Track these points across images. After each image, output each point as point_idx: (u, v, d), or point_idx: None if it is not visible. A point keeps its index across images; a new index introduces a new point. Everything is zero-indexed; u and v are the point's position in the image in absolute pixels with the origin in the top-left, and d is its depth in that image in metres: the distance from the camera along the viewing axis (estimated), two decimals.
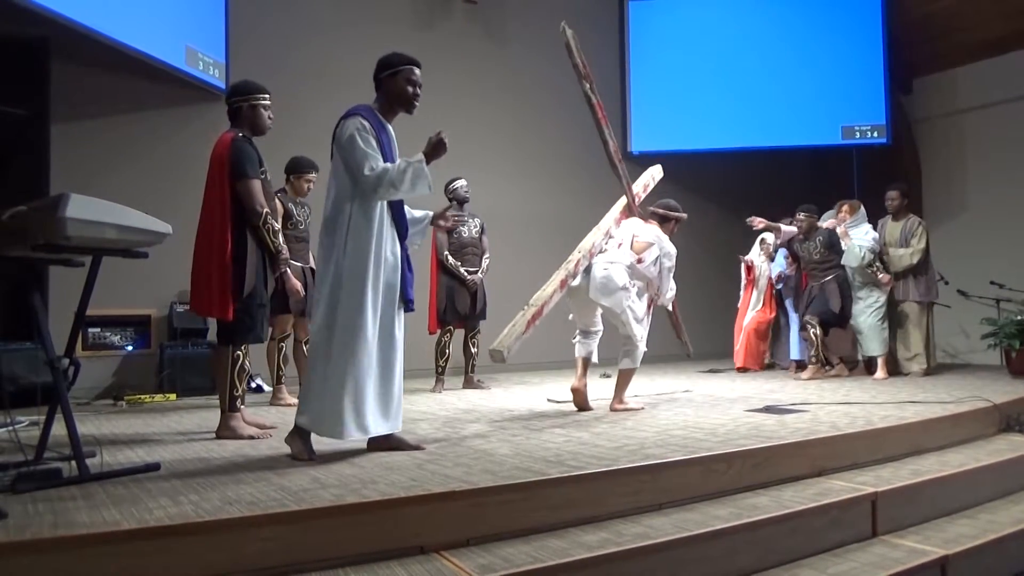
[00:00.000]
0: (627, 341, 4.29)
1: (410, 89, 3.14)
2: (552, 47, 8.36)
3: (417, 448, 3.11)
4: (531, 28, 8.20)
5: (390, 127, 3.18)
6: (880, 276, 5.91)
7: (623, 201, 4.79)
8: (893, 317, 6.11)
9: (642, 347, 4.33)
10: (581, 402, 4.37)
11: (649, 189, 5.11)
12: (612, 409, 4.36)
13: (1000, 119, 8.23)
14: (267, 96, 3.68)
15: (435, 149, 3.04)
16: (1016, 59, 8.02)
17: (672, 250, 4.44)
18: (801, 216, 6.26)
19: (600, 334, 4.50)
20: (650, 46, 8.80)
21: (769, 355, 7.16)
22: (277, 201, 4.86)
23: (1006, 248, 7.75)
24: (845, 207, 6.14)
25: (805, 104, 8.53)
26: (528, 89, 8.11)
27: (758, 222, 6.51)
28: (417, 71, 3.17)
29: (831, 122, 8.53)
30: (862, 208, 6.12)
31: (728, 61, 8.65)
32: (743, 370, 6.88)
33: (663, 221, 4.54)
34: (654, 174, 5.21)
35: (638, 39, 8.81)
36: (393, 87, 3.14)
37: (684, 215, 4.66)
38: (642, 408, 4.42)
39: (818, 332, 6.06)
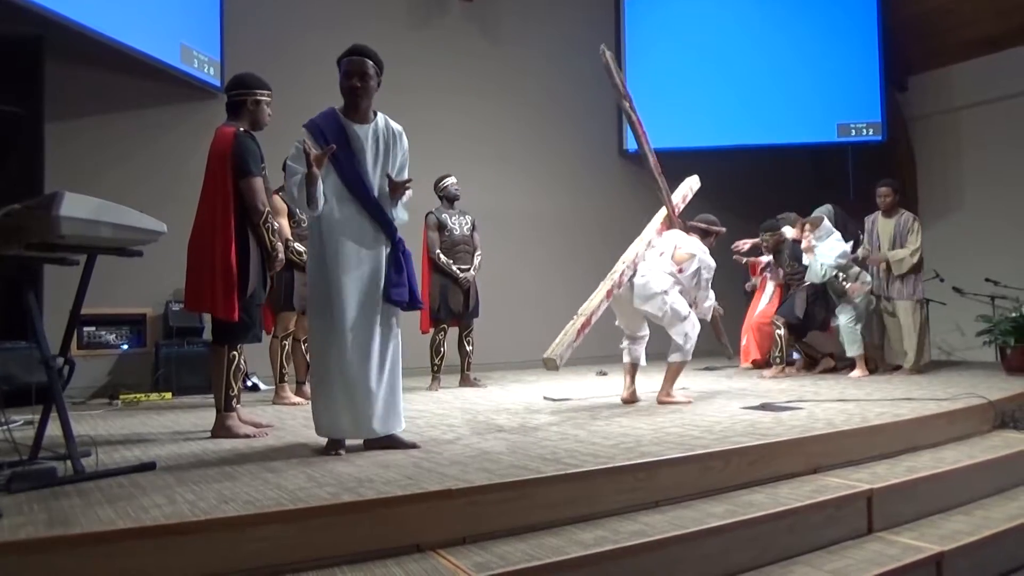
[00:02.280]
0: (673, 338, 4.42)
1: (345, 82, 3.11)
2: (548, 44, 8.41)
3: (413, 446, 3.10)
4: (527, 25, 8.21)
5: (359, 126, 3.11)
6: (848, 286, 5.90)
7: (663, 212, 4.90)
8: (877, 315, 6.12)
9: (687, 344, 4.41)
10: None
11: (687, 200, 5.20)
12: (659, 402, 4.50)
13: (995, 116, 8.25)
14: (270, 92, 3.66)
15: (394, 189, 3.06)
16: (1011, 56, 8.04)
17: (711, 263, 4.55)
18: (766, 236, 6.43)
19: (647, 339, 4.60)
20: (645, 43, 8.80)
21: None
22: (280, 200, 4.89)
23: (1001, 245, 7.77)
24: (807, 225, 5.99)
25: (801, 101, 8.54)
26: (524, 87, 8.10)
27: (743, 245, 6.74)
28: (353, 60, 3.09)
29: (827, 119, 8.54)
30: (825, 221, 5.96)
31: (723, 58, 8.66)
32: (755, 365, 6.84)
33: (704, 235, 4.68)
34: (692, 185, 5.30)
35: (633, 36, 8.81)
36: (340, 85, 3.14)
37: (723, 229, 4.80)
38: (690, 402, 4.53)
39: (782, 333, 6.08)
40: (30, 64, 5.25)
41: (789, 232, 6.32)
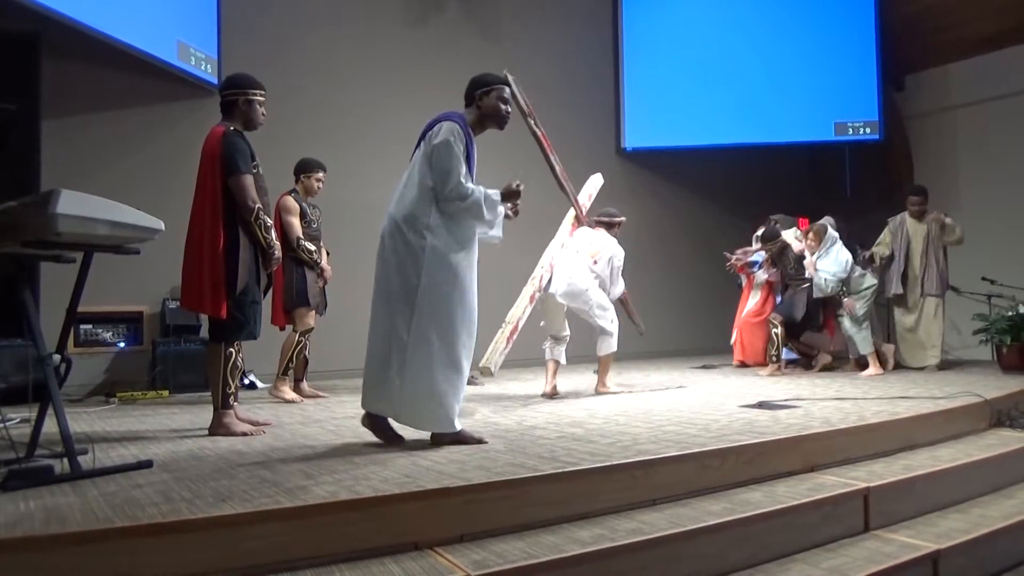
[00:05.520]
0: (601, 331, 4.84)
1: (504, 107, 3.26)
2: (546, 43, 8.40)
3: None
4: (525, 24, 8.19)
5: (475, 140, 3.26)
6: (846, 303, 5.96)
7: (571, 214, 5.37)
8: (888, 314, 6.17)
9: (613, 330, 4.85)
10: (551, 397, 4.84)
11: (593, 197, 5.66)
12: (597, 392, 4.94)
13: (992, 115, 8.25)
14: (263, 91, 3.65)
15: (510, 197, 3.25)
16: (1008, 55, 8.05)
17: (620, 252, 5.02)
18: (769, 246, 6.53)
19: (568, 339, 4.94)
20: (644, 42, 8.80)
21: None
22: (292, 200, 4.90)
23: (998, 244, 7.77)
24: (811, 235, 6.12)
25: (798, 100, 8.53)
26: (523, 85, 8.08)
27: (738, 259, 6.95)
28: (507, 91, 3.30)
29: (824, 118, 8.54)
30: (830, 231, 6.08)
31: (721, 57, 8.65)
32: (742, 364, 6.87)
33: (609, 227, 5.15)
34: (594, 185, 5.79)
35: (631, 35, 8.81)
36: (488, 104, 3.24)
37: (624, 219, 5.30)
38: (624, 392, 4.95)
39: (779, 332, 6.09)
40: (26, 61, 5.24)
41: (790, 237, 6.38)
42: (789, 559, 2.48)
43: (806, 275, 6.10)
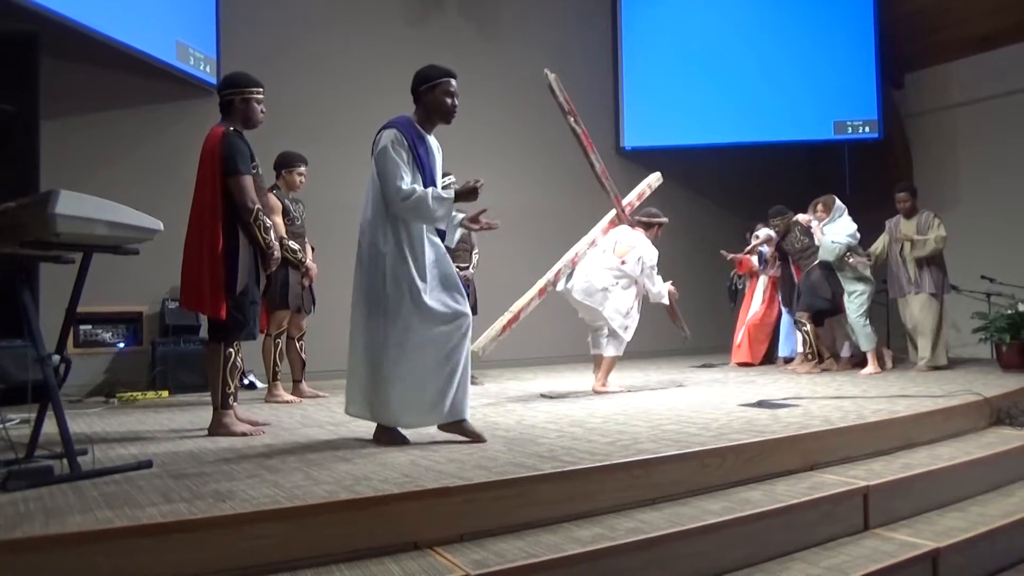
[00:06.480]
0: (612, 332, 4.84)
1: (448, 101, 3.27)
2: (545, 42, 8.40)
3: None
4: (525, 24, 8.19)
5: (431, 138, 3.28)
6: (852, 260, 5.92)
7: (612, 213, 5.27)
8: (878, 310, 6.14)
9: (627, 336, 4.86)
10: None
11: (645, 196, 5.51)
12: (594, 391, 4.92)
13: (991, 114, 8.26)
14: (261, 89, 3.64)
15: (466, 195, 3.14)
16: (1007, 54, 8.05)
17: (651, 252, 4.95)
18: (776, 221, 6.47)
19: (606, 331, 4.91)
20: (642, 41, 8.80)
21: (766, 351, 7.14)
22: (274, 198, 4.87)
23: (997, 242, 7.79)
24: (819, 206, 6.16)
25: (797, 99, 8.54)
26: (521, 84, 8.08)
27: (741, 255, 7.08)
28: (454, 83, 3.29)
29: (823, 117, 8.55)
30: (837, 202, 6.12)
31: (720, 56, 8.66)
32: (744, 365, 6.87)
33: (647, 227, 5.12)
34: (651, 182, 5.61)
35: (630, 34, 8.81)
36: (432, 100, 3.26)
37: (665, 219, 5.20)
38: (622, 392, 4.93)
39: (808, 328, 6.06)
40: (25, 61, 5.23)
41: (800, 216, 6.38)
42: (789, 558, 2.48)
43: (815, 241, 6.06)
